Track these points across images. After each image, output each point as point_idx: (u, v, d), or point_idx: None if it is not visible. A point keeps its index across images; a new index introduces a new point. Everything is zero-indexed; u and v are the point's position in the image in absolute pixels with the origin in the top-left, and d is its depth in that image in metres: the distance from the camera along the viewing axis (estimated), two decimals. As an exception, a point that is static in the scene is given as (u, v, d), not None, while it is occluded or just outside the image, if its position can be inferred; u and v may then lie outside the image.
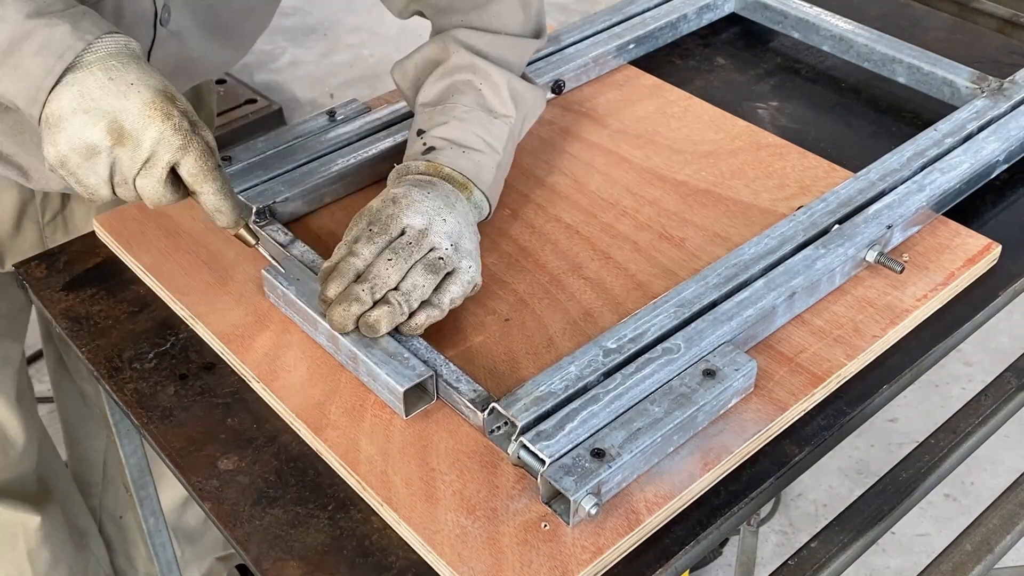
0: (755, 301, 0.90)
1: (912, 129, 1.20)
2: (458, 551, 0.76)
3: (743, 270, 0.93)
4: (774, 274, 0.93)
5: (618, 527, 0.78)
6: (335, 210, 1.09)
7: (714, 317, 0.89)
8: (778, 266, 0.94)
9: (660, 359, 0.85)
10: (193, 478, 0.85)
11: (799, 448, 0.86)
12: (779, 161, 1.14)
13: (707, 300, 0.91)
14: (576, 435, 0.79)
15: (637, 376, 0.84)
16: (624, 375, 0.84)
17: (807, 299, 0.93)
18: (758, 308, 0.90)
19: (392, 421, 0.86)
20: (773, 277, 0.93)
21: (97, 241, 1.08)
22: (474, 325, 0.95)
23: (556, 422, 0.80)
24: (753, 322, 0.89)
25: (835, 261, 0.94)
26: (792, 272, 0.93)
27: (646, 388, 0.83)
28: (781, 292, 0.91)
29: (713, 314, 0.89)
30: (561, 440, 0.78)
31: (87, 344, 0.97)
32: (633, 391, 0.82)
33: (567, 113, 1.22)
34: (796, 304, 0.93)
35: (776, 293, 0.91)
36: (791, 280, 0.92)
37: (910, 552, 1.90)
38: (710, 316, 0.89)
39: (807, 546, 0.85)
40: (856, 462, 2.05)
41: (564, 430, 0.79)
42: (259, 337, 0.94)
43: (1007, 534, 0.88)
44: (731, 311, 0.89)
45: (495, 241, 1.04)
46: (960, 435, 0.94)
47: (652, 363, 0.85)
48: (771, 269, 0.94)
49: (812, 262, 0.94)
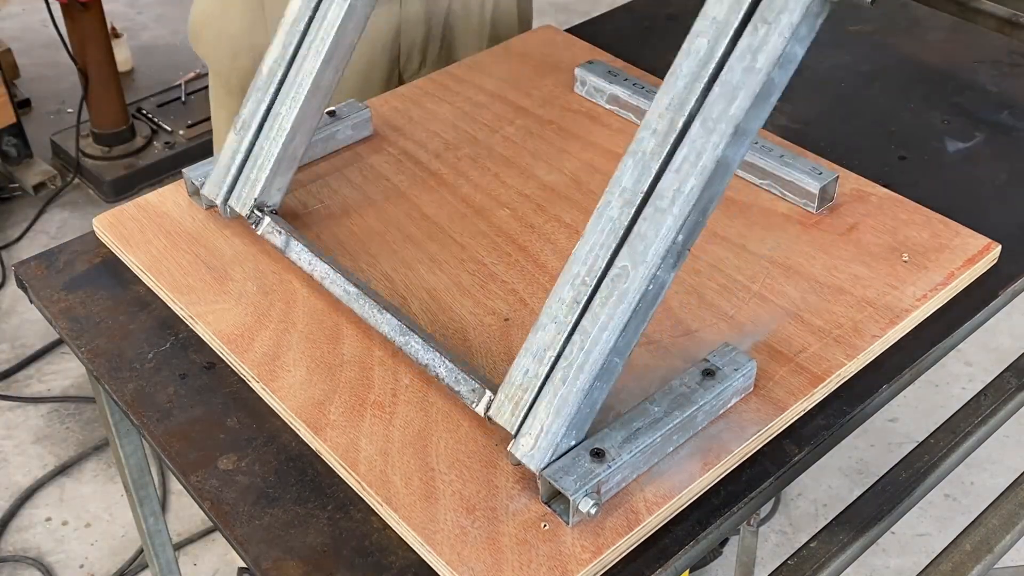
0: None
1: (911, 128, 1.20)
2: (458, 551, 0.76)
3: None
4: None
5: (618, 527, 0.78)
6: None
7: (654, 209, 0.76)
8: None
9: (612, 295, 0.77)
10: (193, 478, 0.85)
11: (799, 448, 0.86)
12: (779, 161, 1.14)
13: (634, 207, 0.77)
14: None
15: (598, 323, 0.77)
16: (583, 328, 0.78)
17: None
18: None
19: (392, 421, 0.86)
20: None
21: (97, 241, 1.08)
22: (474, 325, 0.95)
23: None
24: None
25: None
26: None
27: (612, 332, 0.77)
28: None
29: (652, 206, 0.76)
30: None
31: (87, 344, 0.97)
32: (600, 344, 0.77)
33: (567, 113, 1.22)
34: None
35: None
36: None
37: (910, 552, 1.90)
38: (648, 211, 0.76)
39: (807, 546, 0.85)
40: (856, 462, 2.05)
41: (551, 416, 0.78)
42: (259, 337, 0.94)
43: (1007, 534, 0.89)
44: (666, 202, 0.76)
45: (495, 241, 1.04)
46: (960, 435, 0.94)
47: (607, 302, 0.77)
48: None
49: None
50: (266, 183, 1.02)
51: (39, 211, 2.81)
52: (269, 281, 1.00)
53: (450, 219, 1.07)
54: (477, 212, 1.08)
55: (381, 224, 1.07)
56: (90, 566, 1.96)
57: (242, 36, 1.35)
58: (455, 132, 1.19)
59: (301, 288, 0.99)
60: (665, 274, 0.76)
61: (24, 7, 3.65)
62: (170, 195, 1.10)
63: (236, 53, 1.36)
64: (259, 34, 1.34)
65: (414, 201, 1.10)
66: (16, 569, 1.96)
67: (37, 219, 2.79)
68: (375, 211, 1.08)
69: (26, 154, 2.91)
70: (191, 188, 1.09)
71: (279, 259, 1.02)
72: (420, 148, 1.17)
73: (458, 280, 1.00)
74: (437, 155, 1.16)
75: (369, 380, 0.90)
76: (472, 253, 1.03)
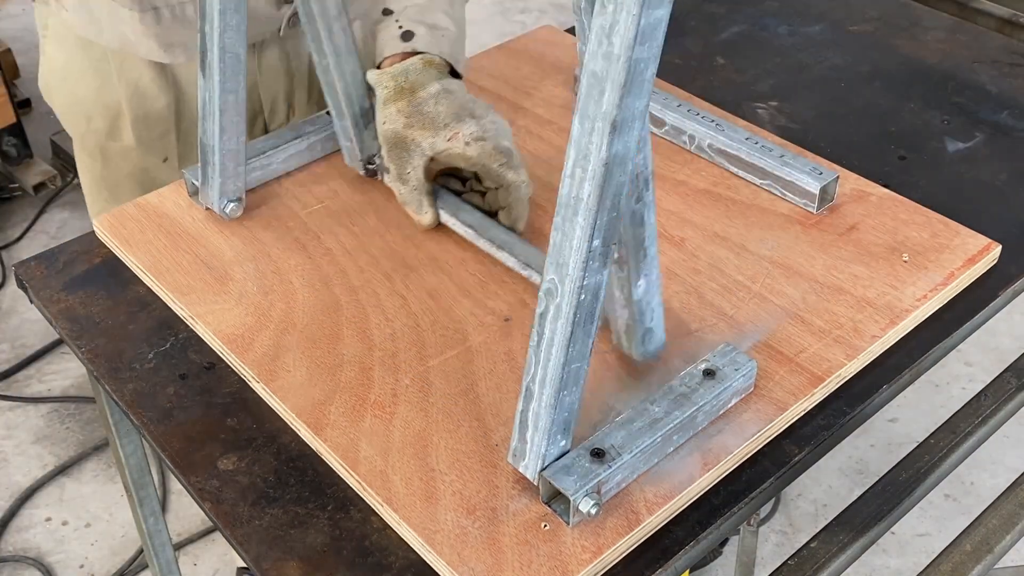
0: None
1: (911, 128, 1.20)
2: (458, 551, 0.76)
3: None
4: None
5: (618, 527, 0.78)
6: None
7: (561, 219, 0.73)
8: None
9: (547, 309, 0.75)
10: (193, 478, 0.85)
11: (799, 448, 0.86)
12: (779, 161, 1.14)
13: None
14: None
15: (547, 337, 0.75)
16: (535, 345, 0.76)
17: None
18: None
19: (392, 421, 0.86)
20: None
21: (97, 241, 1.08)
22: (474, 325, 0.95)
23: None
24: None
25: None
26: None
27: (559, 347, 0.74)
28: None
29: (559, 216, 0.73)
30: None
31: (87, 344, 0.97)
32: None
33: (567, 113, 1.22)
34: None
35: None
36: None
37: (910, 552, 1.90)
38: (557, 221, 0.73)
39: (807, 546, 0.85)
40: (856, 462, 2.05)
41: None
42: (259, 337, 0.94)
43: (1007, 534, 0.89)
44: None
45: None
46: (960, 435, 0.94)
47: (545, 318, 0.75)
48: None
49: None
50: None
51: (39, 211, 2.81)
52: (269, 281, 1.00)
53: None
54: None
55: (381, 224, 1.07)
56: (90, 566, 1.96)
57: (92, 97, 1.26)
58: (455, 132, 1.19)
59: (301, 288, 0.99)
60: (595, 277, 0.73)
61: (24, 7, 3.65)
62: (170, 195, 1.10)
63: (89, 116, 1.28)
64: (110, 93, 1.25)
65: (414, 201, 1.09)
66: (16, 569, 1.95)
67: (37, 219, 2.79)
68: (375, 211, 1.08)
69: (26, 154, 2.90)
70: (191, 188, 1.09)
71: (279, 259, 1.02)
72: (420, 148, 1.17)
73: (458, 280, 1.00)
74: (437, 155, 1.16)
75: (369, 380, 0.90)
76: (472, 253, 1.03)
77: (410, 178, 1.03)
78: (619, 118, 0.67)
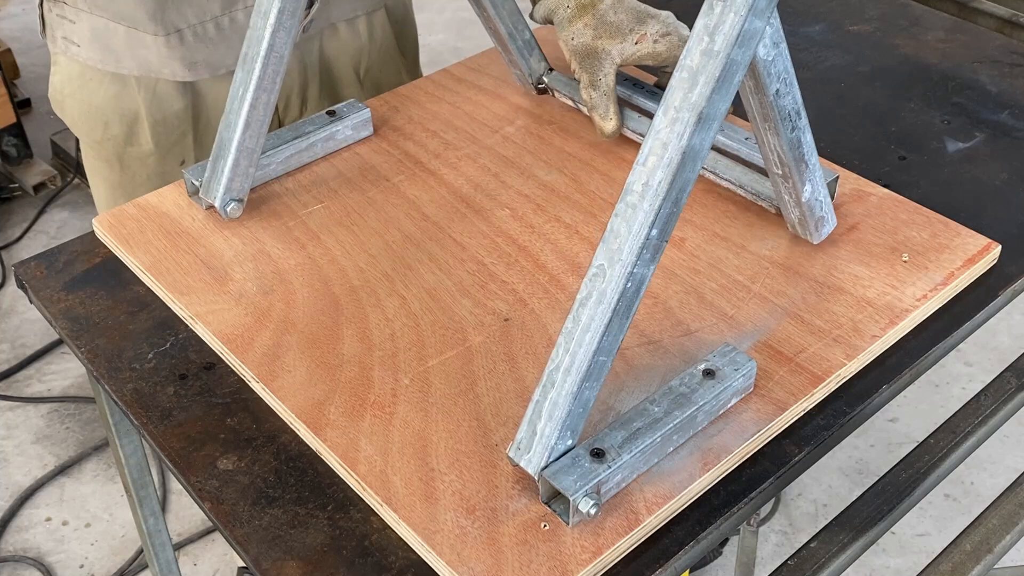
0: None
1: (911, 128, 1.20)
2: (457, 551, 0.76)
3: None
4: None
5: (618, 527, 0.78)
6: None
7: (625, 204, 0.76)
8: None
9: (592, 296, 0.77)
10: (192, 478, 0.85)
11: (799, 448, 0.86)
12: (779, 161, 1.14)
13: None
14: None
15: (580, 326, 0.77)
16: (567, 330, 0.77)
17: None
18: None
19: (391, 421, 0.86)
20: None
21: (96, 241, 1.08)
22: (474, 325, 0.95)
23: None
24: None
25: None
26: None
27: (594, 333, 0.76)
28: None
29: (623, 202, 0.76)
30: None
31: (86, 344, 0.97)
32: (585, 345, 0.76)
33: (567, 113, 1.22)
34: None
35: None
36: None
37: (910, 552, 1.90)
38: (620, 207, 0.76)
39: (807, 546, 0.85)
40: (856, 462, 2.05)
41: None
42: (258, 337, 0.94)
43: (1007, 534, 0.89)
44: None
45: (495, 241, 1.04)
46: (960, 435, 0.94)
47: (587, 303, 0.77)
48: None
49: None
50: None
51: (39, 211, 2.81)
52: (269, 281, 1.00)
53: (450, 219, 1.07)
54: (477, 212, 1.08)
55: (381, 224, 1.07)
56: (90, 566, 1.96)
57: (111, 104, 1.28)
58: (455, 132, 1.19)
59: (301, 288, 0.99)
60: (643, 269, 0.76)
61: (24, 7, 3.65)
62: (170, 195, 1.10)
63: (107, 123, 1.29)
64: (127, 100, 1.27)
65: (414, 201, 1.10)
66: (16, 569, 1.96)
67: (37, 219, 2.79)
68: (375, 211, 1.08)
69: (26, 154, 2.91)
70: (191, 188, 1.09)
71: (279, 259, 1.02)
72: (420, 148, 1.17)
73: (458, 280, 1.00)
74: (437, 155, 1.16)
75: (369, 380, 0.90)
76: (472, 253, 1.03)
77: (601, 84, 1.11)
78: (706, 111, 0.73)
